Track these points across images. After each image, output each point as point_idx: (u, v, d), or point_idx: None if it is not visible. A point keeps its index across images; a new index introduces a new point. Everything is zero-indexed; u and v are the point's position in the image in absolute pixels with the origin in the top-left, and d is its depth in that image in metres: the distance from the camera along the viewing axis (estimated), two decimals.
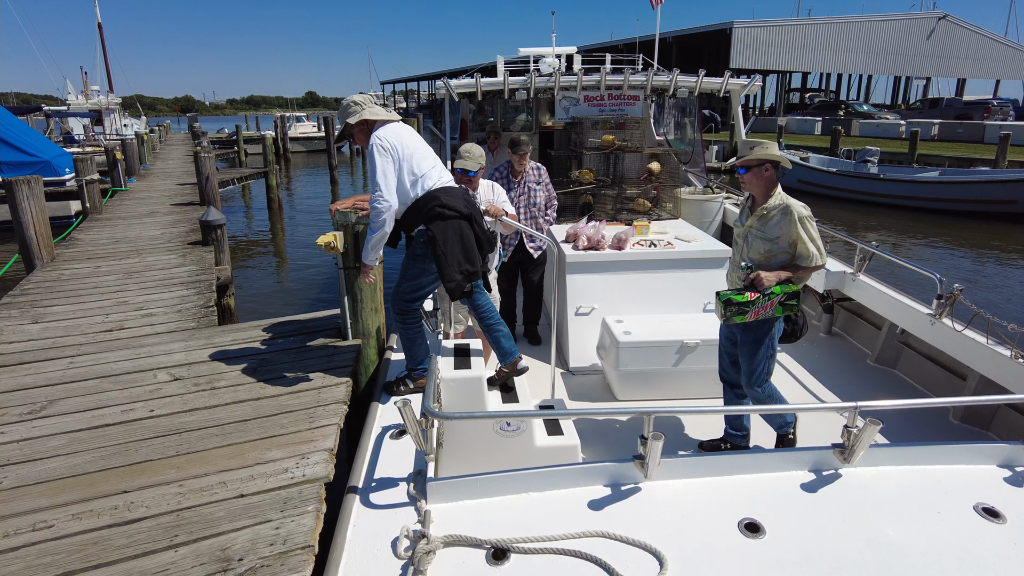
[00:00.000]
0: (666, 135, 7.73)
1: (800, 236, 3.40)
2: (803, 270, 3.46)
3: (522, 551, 2.14)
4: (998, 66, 41.06)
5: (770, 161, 3.50)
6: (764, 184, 3.54)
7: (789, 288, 3.41)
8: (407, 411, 2.35)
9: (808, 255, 3.40)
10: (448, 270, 3.29)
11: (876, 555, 2.14)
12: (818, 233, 3.45)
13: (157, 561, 2.31)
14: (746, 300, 3.37)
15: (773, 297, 3.38)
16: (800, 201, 3.54)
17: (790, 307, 3.43)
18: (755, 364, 3.60)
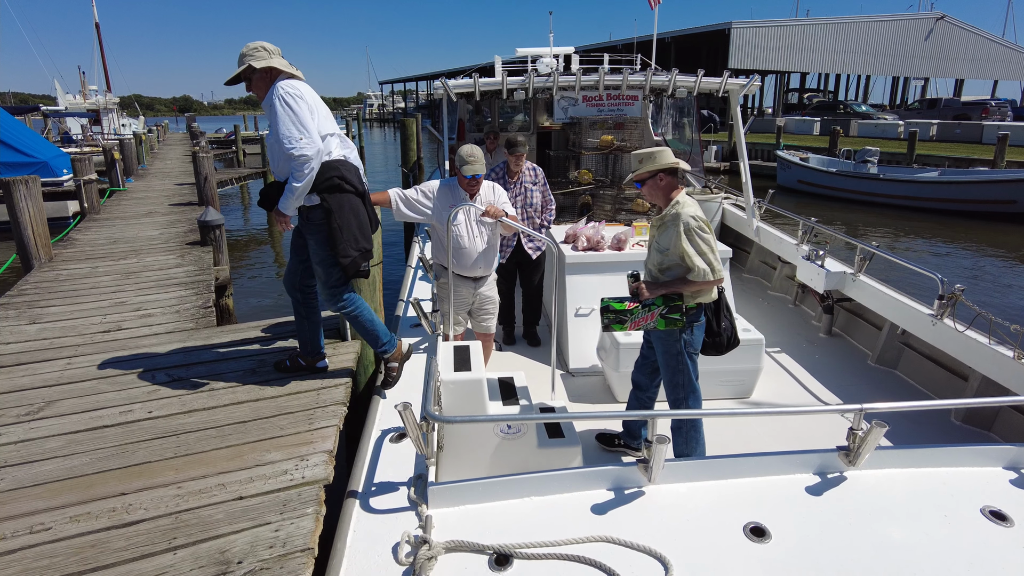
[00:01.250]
0: (664, 135, 7.73)
1: (684, 249, 3.24)
2: (691, 284, 3.28)
3: (525, 556, 2.12)
4: (996, 67, 41.13)
5: (662, 170, 3.39)
6: (662, 193, 3.44)
7: (673, 302, 3.29)
8: (408, 414, 2.33)
9: (694, 268, 3.22)
10: (343, 245, 3.25)
11: (883, 559, 2.12)
12: (710, 245, 3.26)
13: (155, 564, 2.29)
14: (624, 309, 3.30)
15: (654, 309, 3.29)
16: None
17: (673, 321, 3.30)
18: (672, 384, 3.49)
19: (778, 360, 5.21)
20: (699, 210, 3.36)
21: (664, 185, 3.41)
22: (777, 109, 39.81)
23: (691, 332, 3.42)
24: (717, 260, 3.28)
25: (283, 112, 3.12)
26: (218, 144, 30.92)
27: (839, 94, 46.98)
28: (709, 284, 3.29)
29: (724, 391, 4.52)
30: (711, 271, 3.23)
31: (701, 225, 3.27)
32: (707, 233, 3.28)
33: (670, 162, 3.38)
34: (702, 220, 3.29)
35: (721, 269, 3.29)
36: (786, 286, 6.76)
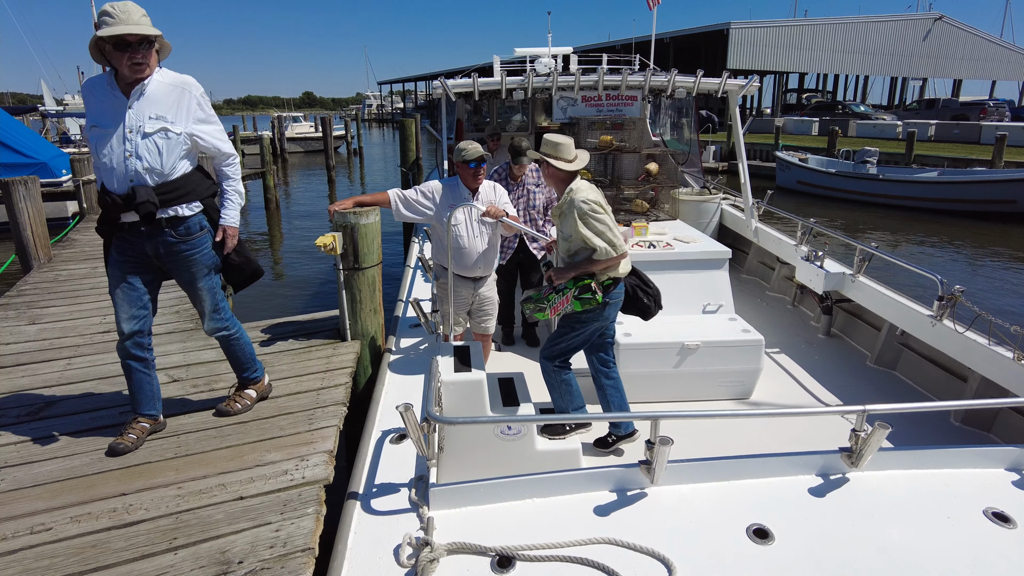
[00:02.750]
0: (662, 136, 7.74)
1: (583, 233, 3.36)
2: (597, 264, 3.42)
3: (527, 559, 2.12)
4: (994, 67, 41.20)
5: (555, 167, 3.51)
6: (556, 182, 3.59)
7: (581, 282, 3.40)
8: (409, 415, 2.33)
9: (596, 249, 3.36)
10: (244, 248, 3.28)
11: (887, 561, 2.12)
12: (607, 224, 3.39)
13: (156, 564, 2.29)
14: (540, 297, 3.44)
15: (567, 293, 3.40)
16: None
17: (586, 301, 3.40)
18: (559, 335, 3.64)
19: (777, 361, 5.22)
20: (593, 193, 3.48)
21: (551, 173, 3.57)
22: (776, 109, 39.87)
23: (604, 309, 3.54)
24: (617, 236, 3.41)
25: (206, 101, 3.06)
26: None
27: (838, 94, 47.03)
28: (615, 261, 3.44)
29: (724, 392, 4.52)
30: (612, 248, 3.37)
31: (593, 207, 3.39)
32: (601, 213, 3.40)
33: (565, 157, 3.52)
34: (594, 202, 3.41)
35: (623, 244, 3.43)
36: (785, 287, 6.77)
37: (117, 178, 2.84)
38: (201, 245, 3.09)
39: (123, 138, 2.82)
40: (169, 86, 2.92)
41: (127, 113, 2.82)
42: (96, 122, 2.87)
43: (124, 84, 2.85)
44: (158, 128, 2.85)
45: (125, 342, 3.09)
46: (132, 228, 2.95)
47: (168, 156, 2.89)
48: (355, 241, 4.10)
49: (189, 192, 3.00)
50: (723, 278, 5.32)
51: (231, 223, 3.20)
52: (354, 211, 4.06)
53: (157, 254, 3.03)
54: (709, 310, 5.18)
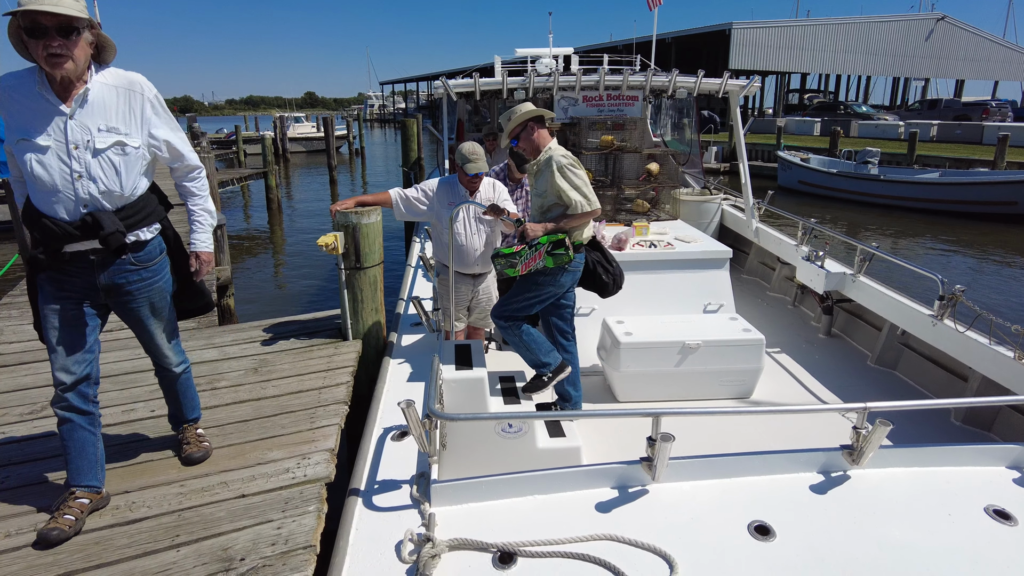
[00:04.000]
0: (663, 136, 7.75)
1: (560, 186, 3.43)
2: (570, 219, 3.48)
3: (529, 555, 2.13)
4: (996, 67, 41.14)
5: (530, 120, 3.59)
6: (534, 144, 3.63)
7: (555, 237, 3.44)
8: (410, 412, 2.34)
9: (571, 203, 3.43)
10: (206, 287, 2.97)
11: (887, 558, 2.13)
12: (583, 180, 3.47)
13: (159, 561, 2.31)
14: (512, 252, 3.44)
15: (539, 248, 3.42)
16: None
17: (559, 257, 3.43)
18: (512, 295, 3.66)
19: (778, 361, 5.22)
20: (569, 154, 3.55)
21: (535, 135, 3.61)
22: (777, 110, 39.85)
23: (563, 273, 3.57)
24: (591, 192, 3.49)
25: (161, 103, 2.59)
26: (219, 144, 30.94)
27: (839, 95, 47.00)
28: (587, 216, 3.50)
29: (725, 391, 4.53)
30: (587, 202, 3.44)
31: (572, 163, 3.48)
32: (579, 169, 3.49)
33: (533, 111, 3.58)
34: (572, 159, 3.50)
35: (596, 200, 3.49)
36: (785, 287, 6.78)
37: (63, 203, 2.37)
38: (162, 271, 2.70)
39: (67, 155, 2.33)
40: (115, 89, 2.42)
41: (68, 125, 2.32)
42: (23, 134, 2.31)
43: (58, 86, 2.33)
44: (112, 143, 2.39)
45: (67, 393, 2.49)
46: (76, 258, 2.46)
47: (128, 175, 2.46)
48: (357, 241, 4.12)
49: (151, 213, 2.63)
50: (724, 278, 5.33)
51: (205, 248, 2.82)
52: (356, 211, 4.08)
53: (111, 286, 2.55)
54: (710, 310, 5.19)
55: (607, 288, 3.80)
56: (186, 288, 2.88)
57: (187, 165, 2.75)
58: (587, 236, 3.67)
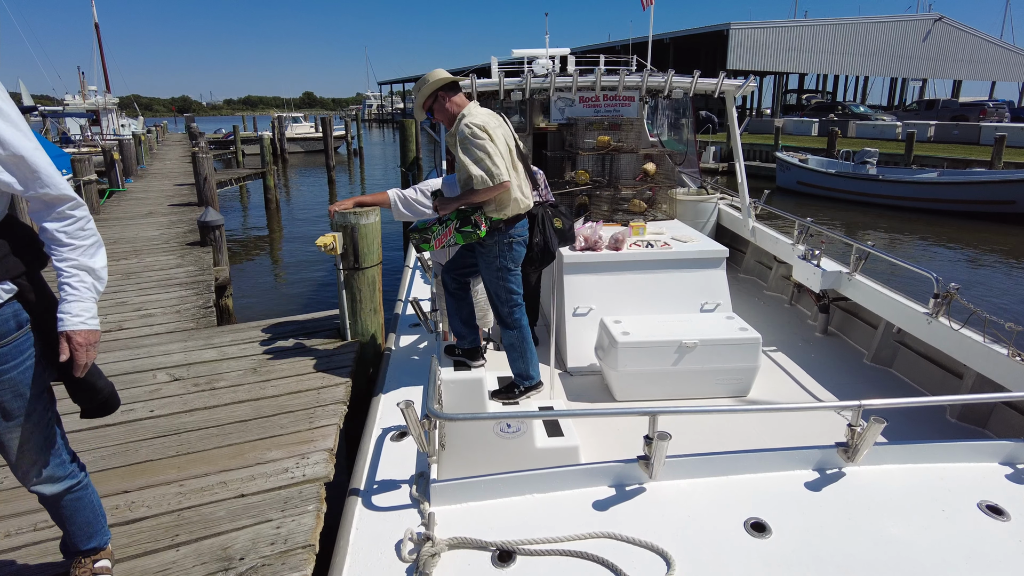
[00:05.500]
0: (660, 136, 7.77)
1: (461, 160, 3.17)
2: (474, 195, 3.20)
3: (528, 553, 2.14)
4: (994, 68, 41.22)
5: (439, 90, 3.34)
6: (448, 114, 3.37)
7: (466, 215, 3.30)
8: (410, 412, 2.36)
9: (470, 178, 3.15)
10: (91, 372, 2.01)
11: (882, 554, 2.16)
12: (487, 151, 3.13)
13: (158, 560, 2.32)
14: (425, 227, 3.36)
15: (449, 224, 3.32)
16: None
17: (467, 235, 3.31)
18: (497, 296, 3.55)
19: (775, 359, 5.24)
20: (482, 117, 3.24)
21: (448, 104, 3.36)
22: (776, 110, 39.88)
23: (511, 249, 3.43)
24: (497, 164, 3.14)
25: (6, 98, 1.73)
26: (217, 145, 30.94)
27: (837, 95, 47.06)
28: (493, 191, 3.19)
29: (721, 389, 4.55)
30: (489, 176, 3.13)
31: (475, 131, 3.15)
32: (482, 139, 3.14)
33: (443, 78, 3.34)
34: (478, 126, 3.16)
35: (503, 174, 3.16)
36: (782, 286, 6.80)
37: None
38: (16, 357, 1.84)
39: None
40: None
41: None
42: None
43: None
44: None
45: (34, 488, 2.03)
46: None
47: None
48: (355, 241, 4.13)
49: None
50: (720, 277, 5.35)
51: (81, 326, 1.85)
52: (354, 211, 4.09)
53: None
54: (707, 309, 5.20)
55: (530, 263, 3.62)
56: (68, 381, 2.01)
57: (46, 195, 1.78)
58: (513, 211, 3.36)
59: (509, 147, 3.37)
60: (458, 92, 3.40)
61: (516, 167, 3.42)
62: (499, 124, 3.38)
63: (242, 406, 3.49)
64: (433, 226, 3.36)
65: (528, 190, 3.52)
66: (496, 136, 3.23)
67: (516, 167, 3.42)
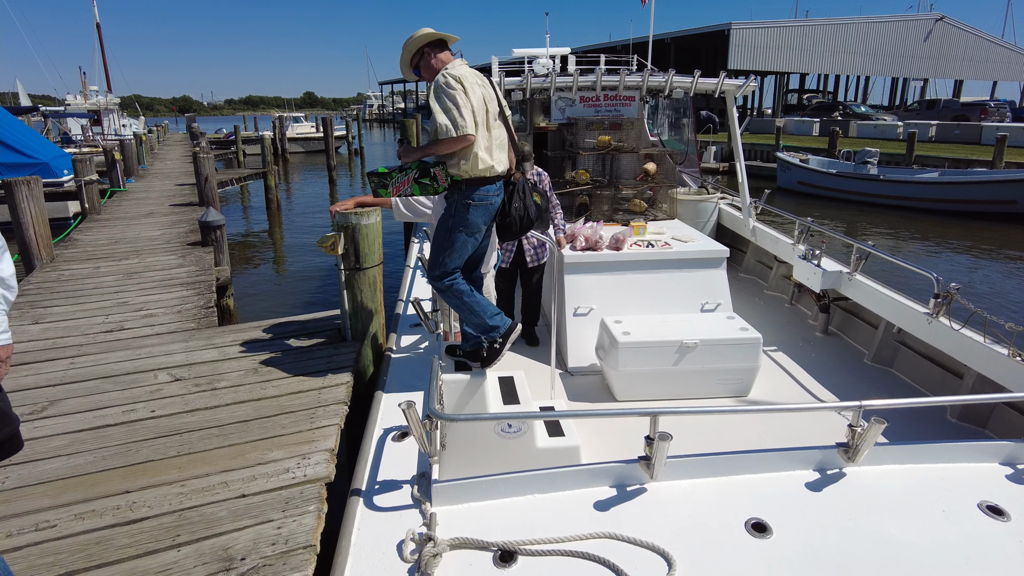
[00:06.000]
0: (660, 136, 7.77)
1: (432, 107, 3.10)
2: (437, 145, 3.14)
3: (529, 553, 2.15)
4: (995, 67, 41.18)
5: (425, 46, 3.32)
6: (434, 70, 3.33)
7: (428, 166, 3.24)
8: (411, 413, 2.36)
9: (438, 126, 3.09)
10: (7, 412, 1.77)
11: (883, 554, 2.16)
12: (457, 102, 3.08)
13: (160, 561, 2.32)
14: (384, 172, 3.30)
15: (409, 173, 3.26)
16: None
17: (424, 187, 3.27)
18: (432, 251, 3.45)
19: (775, 359, 5.24)
20: (467, 73, 3.21)
21: (435, 60, 3.33)
22: (776, 110, 39.86)
23: (467, 211, 3.32)
24: (463, 116, 3.07)
25: None
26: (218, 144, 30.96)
27: (838, 95, 47.03)
28: (455, 143, 3.12)
29: (721, 389, 4.55)
30: (453, 126, 3.06)
31: (449, 81, 3.10)
32: (455, 90, 3.09)
33: (430, 34, 3.31)
34: (455, 78, 3.12)
35: (467, 126, 3.08)
36: (782, 285, 6.80)
37: None
38: None
39: None
40: None
41: None
42: None
43: None
44: None
45: None
46: None
47: None
48: (356, 241, 4.13)
49: None
50: (721, 277, 5.35)
51: None
52: (355, 211, 4.09)
53: None
54: (707, 309, 5.21)
55: (508, 229, 3.51)
56: None
57: None
58: (489, 171, 3.27)
59: (487, 107, 3.27)
60: (444, 50, 3.37)
61: (491, 129, 3.31)
62: (481, 84, 3.29)
63: (243, 406, 3.49)
64: (393, 172, 3.28)
65: (501, 156, 3.39)
66: (472, 91, 3.15)
67: (491, 129, 3.31)
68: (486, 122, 3.27)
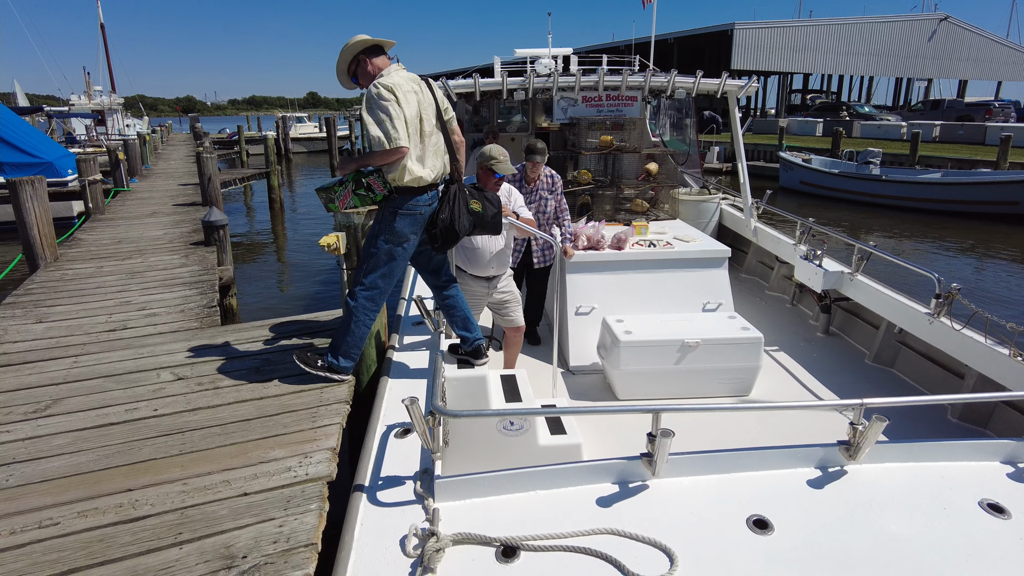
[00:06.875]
0: (662, 136, 7.77)
1: (364, 119, 3.07)
2: (372, 156, 3.12)
3: (532, 548, 2.15)
4: (999, 68, 41.04)
5: (359, 53, 3.27)
6: (370, 77, 3.26)
7: (364, 176, 3.22)
8: (414, 409, 2.37)
9: (371, 139, 3.05)
10: None
11: (884, 551, 2.16)
12: (390, 113, 3.03)
13: (161, 558, 2.33)
14: (329, 187, 3.28)
15: (348, 186, 3.24)
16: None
17: (362, 198, 3.25)
18: (361, 260, 3.40)
19: (776, 359, 5.24)
20: (401, 81, 3.16)
21: (371, 67, 3.28)
22: (780, 110, 39.79)
23: (393, 219, 3.29)
24: (396, 128, 3.04)
25: None
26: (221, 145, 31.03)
27: (842, 95, 46.91)
28: (388, 155, 3.08)
29: (723, 389, 4.55)
30: (386, 139, 3.03)
31: (382, 92, 3.05)
32: (388, 101, 3.04)
33: (364, 40, 3.25)
34: (387, 87, 3.06)
35: (400, 138, 3.05)
36: (784, 286, 6.79)
37: None
38: None
39: None
40: None
41: None
42: None
43: None
44: None
45: None
46: None
47: None
48: (358, 241, 4.14)
49: None
50: (723, 277, 5.35)
51: None
52: (358, 211, 4.10)
53: None
54: (709, 308, 5.21)
55: (433, 240, 3.46)
56: None
57: None
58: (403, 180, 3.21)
59: (422, 115, 3.23)
60: (380, 55, 3.31)
61: (427, 137, 3.27)
62: (416, 90, 3.24)
63: (245, 405, 3.50)
64: (335, 186, 3.27)
65: (436, 163, 3.36)
66: (406, 100, 3.12)
67: (427, 137, 3.27)
68: (419, 131, 3.23)
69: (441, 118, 3.42)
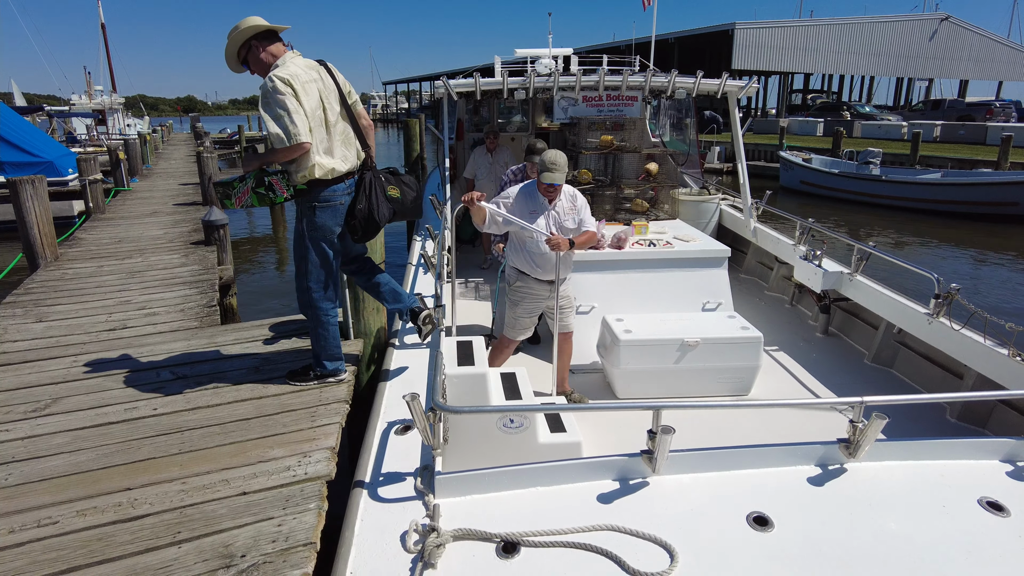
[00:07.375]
0: (662, 136, 7.77)
1: (262, 115, 2.94)
2: (273, 154, 3.01)
3: (532, 544, 2.16)
4: (1000, 68, 41.01)
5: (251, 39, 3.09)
6: (263, 65, 3.11)
7: (266, 175, 3.14)
8: (415, 405, 2.37)
9: (271, 135, 2.92)
10: None
11: (883, 548, 2.17)
12: (287, 107, 2.91)
13: (160, 557, 2.34)
14: (228, 182, 3.19)
15: (247, 183, 3.16)
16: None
17: (262, 197, 3.18)
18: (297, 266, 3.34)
19: (776, 359, 5.25)
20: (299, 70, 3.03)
21: (264, 54, 3.10)
22: (780, 110, 39.78)
23: (313, 214, 3.22)
24: (296, 124, 2.92)
25: None
26: (222, 144, 31.05)
27: (843, 95, 46.89)
28: (290, 152, 2.97)
29: (722, 388, 4.56)
30: (286, 136, 2.91)
31: (278, 85, 2.91)
32: (284, 95, 2.91)
33: (255, 25, 3.07)
34: (283, 79, 2.93)
35: (301, 134, 2.94)
36: (783, 286, 6.80)
37: None
38: None
39: None
40: None
41: None
42: None
43: None
44: None
45: None
46: None
47: None
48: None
49: None
50: (722, 276, 5.35)
51: None
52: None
53: None
54: (708, 308, 5.21)
55: (353, 232, 3.35)
56: None
57: None
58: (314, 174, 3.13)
59: (324, 104, 3.11)
60: (275, 42, 3.14)
61: (332, 127, 3.17)
62: (316, 79, 3.11)
63: (244, 404, 3.51)
64: (235, 182, 3.18)
65: (347, 152, 3.28)
66: (305, 91, 2.99)
67: (332, 127, 3.17)
68: (324, 122, 3.14)
69: (346, 103, 3.29)
